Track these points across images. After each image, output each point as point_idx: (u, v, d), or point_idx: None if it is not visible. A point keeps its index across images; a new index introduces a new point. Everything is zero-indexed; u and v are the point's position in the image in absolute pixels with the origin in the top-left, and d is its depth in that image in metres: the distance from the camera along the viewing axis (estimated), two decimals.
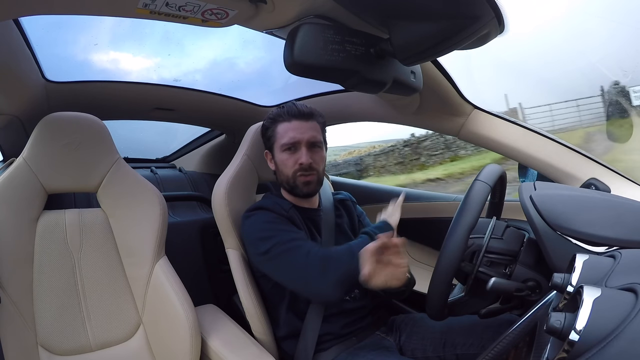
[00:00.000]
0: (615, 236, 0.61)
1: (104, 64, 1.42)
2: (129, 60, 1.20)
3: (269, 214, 0.99)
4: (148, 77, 1.37)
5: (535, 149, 1.03)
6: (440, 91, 1.04)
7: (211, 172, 1.84)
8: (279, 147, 1.03)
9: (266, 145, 1.08)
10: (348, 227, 1.14)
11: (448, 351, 0.95)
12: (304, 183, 1.02)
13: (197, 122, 1.70)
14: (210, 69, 1.59)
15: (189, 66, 1.54)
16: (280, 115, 1.03)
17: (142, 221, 1.05)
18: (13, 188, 0.95)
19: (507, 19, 0.63)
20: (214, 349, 0.96)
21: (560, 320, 0.42)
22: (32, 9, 0.68)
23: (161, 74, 1.47)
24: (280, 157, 1.03)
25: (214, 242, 1.53)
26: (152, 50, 1.40)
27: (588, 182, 0.96)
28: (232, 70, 1.68)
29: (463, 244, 0.68)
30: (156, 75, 1.47)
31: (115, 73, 1.37)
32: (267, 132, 1.06)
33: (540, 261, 0.72)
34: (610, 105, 6.12)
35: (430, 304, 0.73)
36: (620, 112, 2.39)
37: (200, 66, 1.55)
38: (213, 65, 1.60)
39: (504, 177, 0.86)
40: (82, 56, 1.29)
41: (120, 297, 1.04)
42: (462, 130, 1.13)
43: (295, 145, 1.01)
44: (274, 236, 0.94)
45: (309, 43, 0.68)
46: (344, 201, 1.19)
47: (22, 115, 1.12)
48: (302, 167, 1.00)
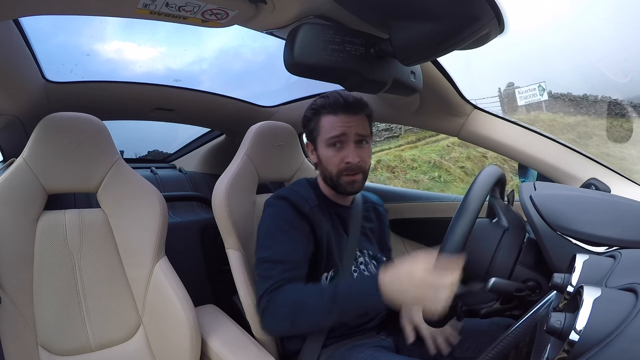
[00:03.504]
0: (615, 236, 0.61)
1: (108, 54, 1.40)
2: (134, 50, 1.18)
3: (286, 212, 0.93)
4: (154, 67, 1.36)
5: (535, 149, 1.03)
6: (440, 91, 1.04)
7: (211, 173, 1.84)
8: (323, 141, 0.96)
9: (308, 137, 1.02)
10: (375, 235, 1.10)
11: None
12: (348, 182, 0.96)
13: (197, 122, 1.70)
14: (217, 58, 1.58)
15: (195, 55, 1.52)
16: (325, 106, 0.95)
17: (142, 221, 1.05)
18: (13, 188, 0.95)
19: (507, 19, 0.63)
20: (214, 349, 0.96)
21: (560, 320, 0.42)
22: (32, 9, 0.68)
23: (167, 64, 1.46)
24: (324, 153, 0.97)
25: (214, 242, 1.53)
26: (157, 39, 1.37)
27: (588, 182, 0.96)
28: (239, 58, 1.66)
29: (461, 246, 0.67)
30: (162, 64, 1.45)
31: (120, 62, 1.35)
32: (310, 125, 0.99)
33: (540, 261, 0.72)
34: (502, 104, 6.28)
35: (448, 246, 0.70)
36: (511, 111, 2.47)
37: (207, 55, 1.53)
38: (220, 54, 1.58)
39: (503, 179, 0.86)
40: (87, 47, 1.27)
41: (120, 298, 1.04)
42: (462, 130, 1.13)
43: (341, 141, 0.94)
44: (273, 247, 0.90)
45: (309, 43, 0.68)
46: (377, 206, 1.14)
47: (22, 115, 1.12)
48: (348, 166, 0.94)
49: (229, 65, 1.68)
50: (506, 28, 0.66)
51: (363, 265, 1.03)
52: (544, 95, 4.08)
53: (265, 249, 0.92)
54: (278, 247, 0.90)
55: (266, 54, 1.68)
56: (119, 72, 1.66)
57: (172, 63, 1.50)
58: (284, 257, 0.89)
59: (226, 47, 1.57)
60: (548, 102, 4.70)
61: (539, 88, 4.04)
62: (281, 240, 0.91)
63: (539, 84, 4.03)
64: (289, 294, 0.84)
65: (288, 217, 0.93)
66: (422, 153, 7.69)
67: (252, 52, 1.67)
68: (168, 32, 1.31)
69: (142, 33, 1.28)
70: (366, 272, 1.02)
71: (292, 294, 0.84)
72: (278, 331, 0.93)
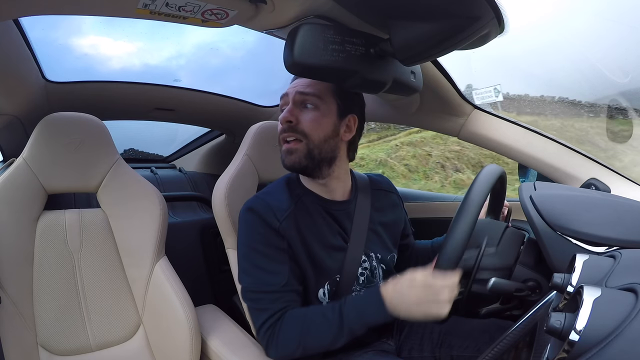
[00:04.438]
0: (615, 236, 0.61)
1: (84, 49, 1.33)
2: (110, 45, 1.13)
3: (257, 228, 0.82)
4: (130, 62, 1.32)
5: (535, 149, 1.03)
6: (440, 91, 1.04)
7: (211, 173, 1.84)
8: None
9: None
10: (389, 229, 0.96)
11: (444, 352, 0.94)
12: (285, 152, 0.83)
13: (197, 122, 1.70)
14: (195, 53, 1.51)
15: (173, 50, 1.47)
16: (293, 79, 0.89)
17: (142, 221, 1.05)
18: (13, 188, 0.95)
19: (507, 18, 0.63)
20: (214, 349, 0.96)
21: (560, 320, 0.42)
22: (32, 9, 0.68)
23: (144, 59, 1.41)
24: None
25: (214, 243, 1.53)
26: (134, 34, 1.32)
27: (588, 182, 0.96)
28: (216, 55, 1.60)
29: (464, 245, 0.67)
30: (139, 60, 1.40)
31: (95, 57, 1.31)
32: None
33: (540, 261, 0.72)
34: None
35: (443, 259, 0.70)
36: None
37: (185, 50, 1.49)
38: (197, 49, 1.51)
39: (503, 177, 0.86)
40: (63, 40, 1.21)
41: (120, 298, 1.04)
42: (462, 130, 1.13)
43: (285, 102, 0.84)
44: (252, 274, 0.82)
45: (309, 43, 0.68)
46: (389, 194, 0.99)
47: (22, 115, 1.12)
48: (282, 128, 0.83)
49: (207, 61, 1.63)
50: (506, 28, 0.66)
51: (369, 272, 0.91)
52: (499, 96, 4.44)
53: (246, 274, 0.83)
54: (258, 274, 0.81)
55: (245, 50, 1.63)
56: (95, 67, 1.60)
57: (149, 58, 1.45)
58: (266, 286, 0.80)
59: (204, 43, 1.53)
60: (504, 103, 5.04)
61: (494, 90, 4.40)
62: (258, 265, 0.81)
63: (495, 86, 4.36)
64: (292, 326, 0.78)
65: (261, 234, 0.81)
66: (372, 152, 7.92)
67: (231, 48, 1.62)
68: (145, 27, 1.24)
69: (119, 27, 1.22)
70: (373, 280, 0.91)
71: (296, 326, 0.78)
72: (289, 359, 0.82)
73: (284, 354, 0.79)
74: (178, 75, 1.37)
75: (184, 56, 1.50)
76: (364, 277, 0.90)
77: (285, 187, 0.89)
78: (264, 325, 0.79)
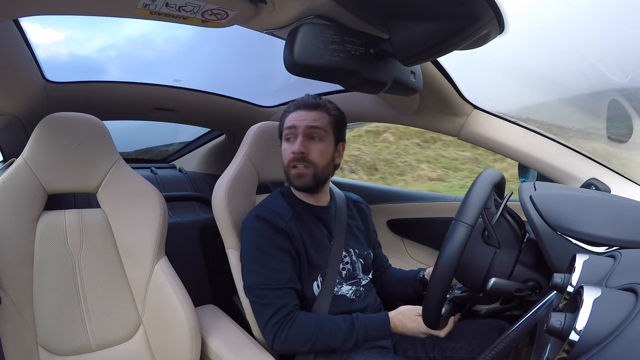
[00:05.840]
0: (615, 236, 0.61)
1: None
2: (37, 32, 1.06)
3: (266, 232, 0.94)
4: (57, 52, 1.22)
5: (535, 149, 1.03)
6: (440, 91, 1.04)
7: (211, 173, 1.84)
8: (282, 137, 1.00)
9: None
10: (361, 231, 1.12)
11: (437, 353, 0.97)
12: (295, 175, 0.97)
13: (197, 122, 1.70)
14: (126, 46, 1.45)
15: (103, 42, 1.41)
16: (290, 107, 1.01)
17: (142, 221, 1.05)
18: (13, 188, 0.95)
19: (507, 19, 0.63)
20: (214, 349, 0.96)
21: (560, 320, 0.42)
22: (32, 9, 0.68)
23: (72, 49, 1.35)
24: (282, 148, 1.01)
25: (214, 243, 1.53)
26: (62, 21, 1.25)
27: (588, 182, 0.96)
28: (148, 47, 1.53)
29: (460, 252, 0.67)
30: (66, 49, 1.33)
31: None
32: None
33: (540, 261, 0.72)
34: None
35: (426, 314, 0.72)
36: None
37: (116, 42, 1.42)
38: (129, 41, 1.45)
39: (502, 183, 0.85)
40: None
41: (120, 298, 1.04)
42: (462, 130, 1.13)
43: (294, 134, 0.97)
44: (260, 273, 0.92)
45: (309, 43, 0.68)
46: (358, 204, 1.17)
47: (22, 116, 1.12)
48: (294, 157, 0.96)
49: (140, 54, 1.55)
50: (506, 28, 0.66)
51: (350, 265, 1.04)
52: None
53: (253, 274, 0.94)
54: (265, 273, 0.92)
55: (181, 44, 1.56)
56: None
57: (78, 49, 1.38)
58: (274, 283, 0.91)
59: (136, 35, 1.46)
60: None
61: None
62: (266, 265, 0.93)
63: None
64: (306, 326, 0.90)
65: (268, 237, 0.94)
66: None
67: (164, 41, 1.56)
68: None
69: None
70: (354, 273, 1.04)
71: (309, 326, 0.90)
72: (290, 353, 0.94)
73: (290, 348, 0.91)
74: (108, 69, 1.32)
75: (114, 48, 1.43)
76: (346, 271, 1.03)
77: (281, 197, 1.04)
78: (272, 319, 0.90)
